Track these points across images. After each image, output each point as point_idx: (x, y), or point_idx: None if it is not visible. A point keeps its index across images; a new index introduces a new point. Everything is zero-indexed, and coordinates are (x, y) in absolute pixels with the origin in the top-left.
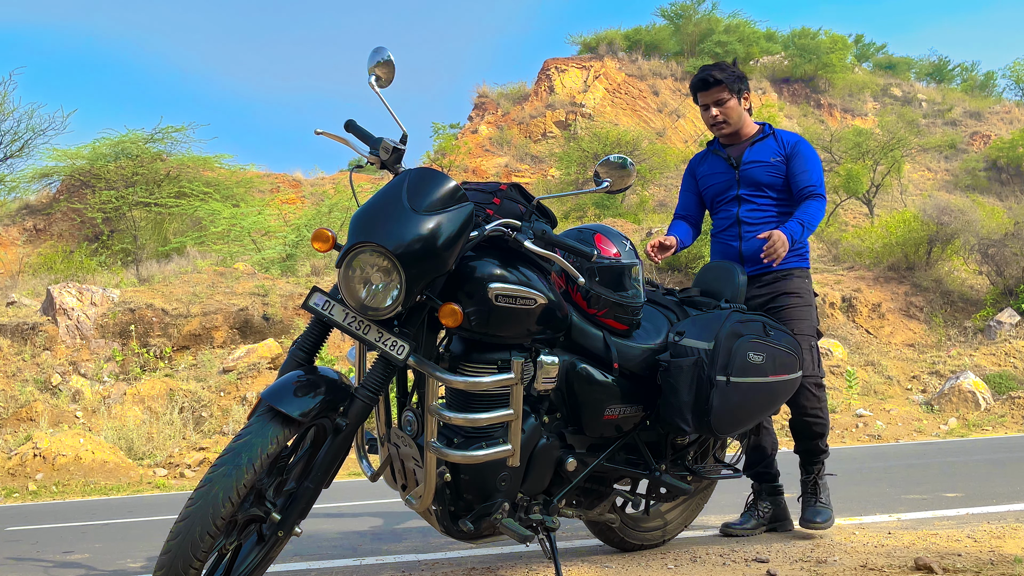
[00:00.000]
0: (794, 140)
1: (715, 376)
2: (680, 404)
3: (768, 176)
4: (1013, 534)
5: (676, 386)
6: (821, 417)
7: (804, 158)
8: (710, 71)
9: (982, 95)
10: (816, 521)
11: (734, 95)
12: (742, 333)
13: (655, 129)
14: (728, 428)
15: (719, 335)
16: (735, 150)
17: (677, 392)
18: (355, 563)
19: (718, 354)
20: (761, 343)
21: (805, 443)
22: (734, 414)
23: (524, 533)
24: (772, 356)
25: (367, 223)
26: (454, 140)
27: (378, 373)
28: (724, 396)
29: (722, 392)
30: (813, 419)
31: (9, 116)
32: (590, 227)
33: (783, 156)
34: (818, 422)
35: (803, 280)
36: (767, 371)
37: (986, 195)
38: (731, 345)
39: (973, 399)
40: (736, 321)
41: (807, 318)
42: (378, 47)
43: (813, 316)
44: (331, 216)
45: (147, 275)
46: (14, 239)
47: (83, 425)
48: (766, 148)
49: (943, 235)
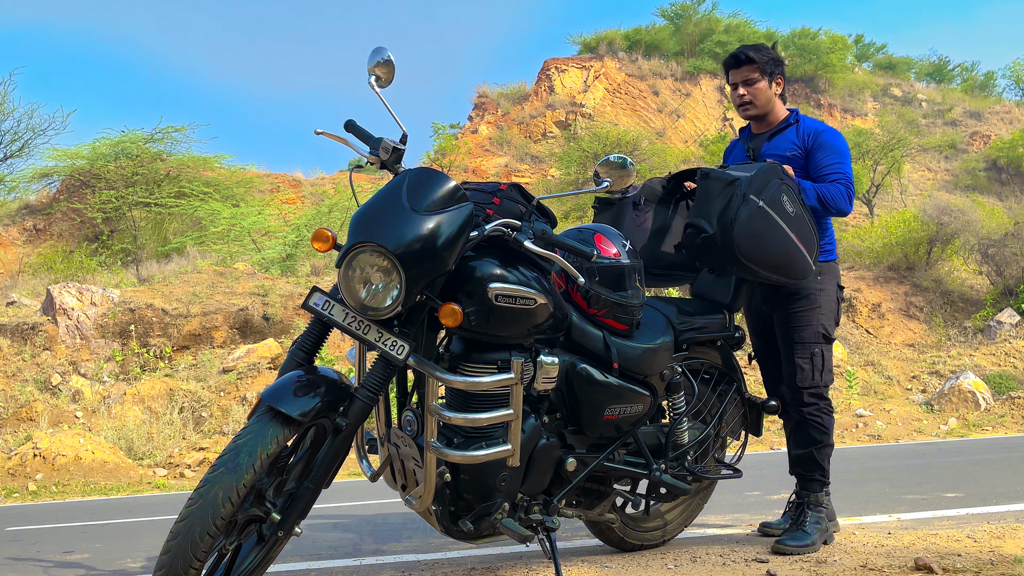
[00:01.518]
0: (817, 130)
1: (749, 195)
2: (709, 208)
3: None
4: (1013, 534)
5: (710, 193)
6: (823, 425)
7: (827, 151)
8: (745, 49)
9: (982, 95)
10: (785, 544)
11: (765, 77)
12: (783, 177)
13: (655, 129)
14: (746, 247)
15: (761, 168)
16: (757, 141)
17: (710, 199)
18: (355, 563)
19: (756, 180)
20: (796, 199)
21: (798, 450)
22: (753, 237)
23: (524, 533)
24: (800, 219)
25: (367, 223)
26: (454, 140)
27: (378, 373)
28: (751, 215)
29: (751, 210)
30: (812, 424)
31: (9, 116)
32: (590, 227)
33: (802, 149)
34: (817, 428)
35: (814, 279)
36: (792, 227)
37: (986, 195)
38: (770, 178)
39: (973, 399)
40: (780, 167)
41: (810, 323)
42: (378, 47)
43: (819, 320)
44: (331, 216)
45: (147, 275)
46: (14, 239)
47: (83, 425)
48: (784, 140)
49: (943, 235)
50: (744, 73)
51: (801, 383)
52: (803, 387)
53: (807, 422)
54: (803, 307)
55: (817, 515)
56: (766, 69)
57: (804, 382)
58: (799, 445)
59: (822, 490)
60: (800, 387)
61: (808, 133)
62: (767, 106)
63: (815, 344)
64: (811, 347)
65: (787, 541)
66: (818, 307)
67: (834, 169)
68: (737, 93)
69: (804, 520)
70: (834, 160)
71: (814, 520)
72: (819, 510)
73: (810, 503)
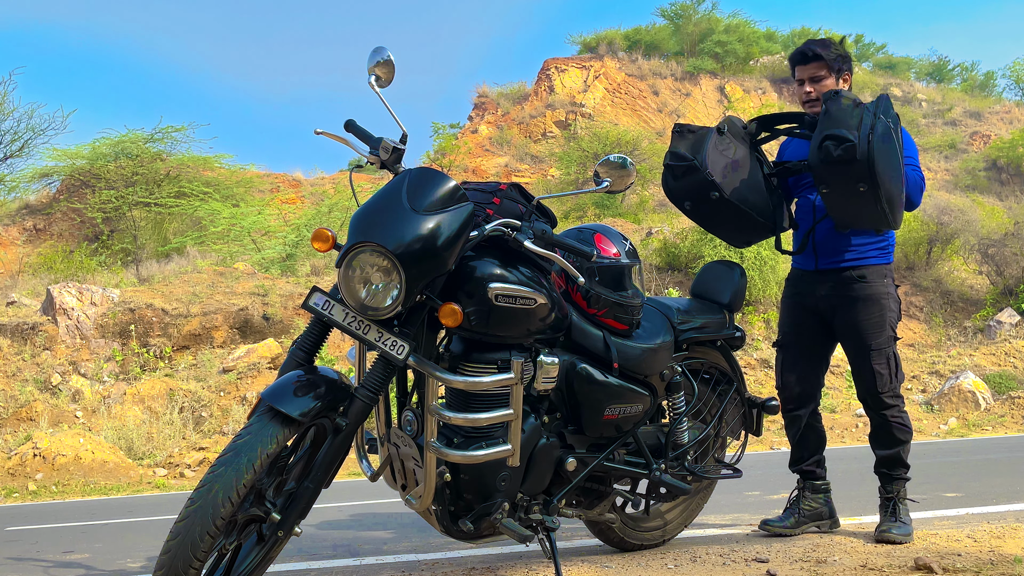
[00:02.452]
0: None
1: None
2: (848, 122)
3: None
4: (1013, 534)
5: (842, 110)
6: (904, 424)
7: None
8: (812, 45)
9: (982, 95)
10: (892, 533)
11: (832, 74)
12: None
13: (655, 129)
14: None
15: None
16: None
17: (844, 114)
18: (355, 563)
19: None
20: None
21: (885, 451)
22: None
23: (524, 533)
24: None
25: (367, 223)
26: (454, 140)
27: (378, 373)
28: (884, 133)
29: (884, 127)
30: (896, 425)
31: (9, 116)
32: (590, 227)
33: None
34: (901, 428)
35: (880, 282)
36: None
37: (986, 195)
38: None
39: (973, 399)
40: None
41: (883, 330)
42: (378, 47)
43: (890, 321)
44: (331, 216)
45: (147, 275)
46: (14, 239)
47: (83, 425)
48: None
49: (943, 235)
50: (811, 70)
51: (881, 388)
52: (883, 392)
53: (890, 424)
54: (875, 313)
55: (906, 507)
56: (833, 66)
57: (884, 387)
58: (884, 446)
59: (904, 485)
60: (881, 392)
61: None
62: None
63: (888, 348)
64: (886, 351)
65: (894, 531)
66: (889, 310)
67: (909, 163)
68: (804, 90)
69: (900, 512)
70: (907, 154)
71: (906, 511)
72: (906, 502)
73: (900, 498)
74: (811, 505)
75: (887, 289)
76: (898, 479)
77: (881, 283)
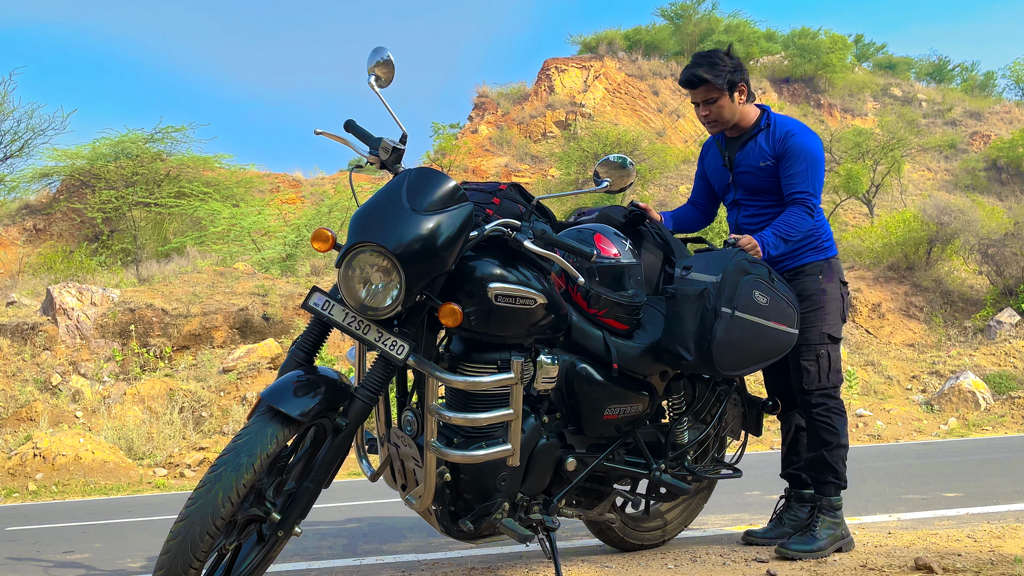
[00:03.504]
0: (785, 133)
1: (720, 307)
2: (684, 332)
3: (760, 181)
4: (1013, 534)
5: (681, 314)
6: (832, 426)
7: (794, 158)
8: (693, 70)
9: (982, 95)
10: (788, 548)
11: (724, 91)
12: (749, 271)
13: (655, 129)
14: (727, 363)
15: (727, 270)
16: (732, 147)
17: (682, 320)
18: (355, 563)
19: (725, 286)
20: (767, 286)
21: (809, 452)
22: (735, 349)
23: (524, 533)
24: (775, 302)
25: (367, 223)
26: (454, 140)
27: (378, 373)
28: (728, 328)
29: (726, 324)
30: (822, 425)
31: (9, 116)
32: (590, 227)
33: (773, 157)
34: (827, 428)
35: (814, 278)
36: (769, 315)
37: (986, 195)
38: (738, 279)
39: (973, 399)
40: (744, 259)
41: (814, 325)
42: (378, 47)
43: (823, 320)
44: (331, 216)
45: (147, 275)
46: (14, 239)
47: (83, 425)
48: (756, 150)
49: (943, 235)
50: (701, 94)
51: (808, 385)
52: (810, 389)
53: (816, 424)
54: (806, 309)
55: (831, 520)
56: (722, 84)
57: (811, 384)
58: (810, 448)
59: (837, 493)
60: (807, 389)
61: (779, 139)
62: (733, 118)
63: (820, 346)
64: (816, 348)
65: (792, 545)
66: (820, 308)
67: (799, 180)
68: (700, 113)
69: (815, 524)
70: (800, 167)
71: (826, 525)
72: (833, 515)
73: (823, 507)
74: (797, 515)
75: (821, 286)
76: (825, 484)
77: (814, 280)
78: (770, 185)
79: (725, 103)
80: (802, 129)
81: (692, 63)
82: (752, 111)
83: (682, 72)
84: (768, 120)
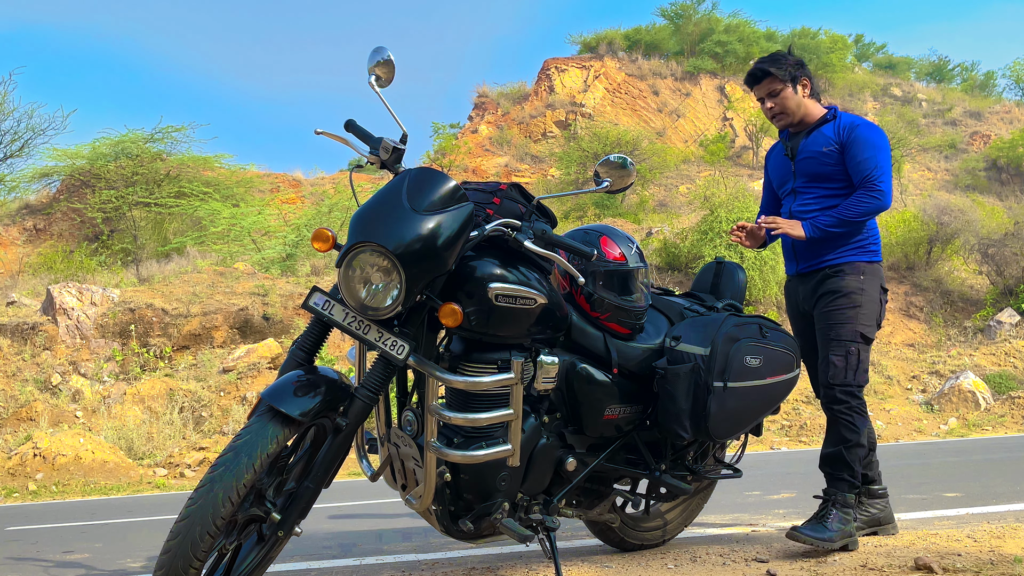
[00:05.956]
0: (852, 125)
1: (712, 382)
2: (678, 411)
3: (821, 167)
4: (1013, 534)
5: (673, 393)
6: (854, 424)
7: (862, 145)
8: (759, 64)
9: (982, 95)
10: (802, 533)
11: (787, 84)
12: (738, 337)
13: (655, 129)
14: (725, 433)
15: (715, 340)
16: (795, 140)
17: (675, 399)
18: (355, 563)
19: (715, 359)
20: (758, 345)
21: (828, 448)
22: (731, 418)
23: (524, 533)
24: (769, 358)
25: (367, 223)
26: (454, 140)
27: (378, 373)
28: (721, 402)
29: (719, 398)
30: (844, 422)
31: (9, 116)
32: (596, 228)
33: (838, 144)
34: (849, 426)
35: (854, 277)
36: (764, 373)
37: (986, 195)
38: (728, 350)
39: (973, 399)
40: (733, 325)
41: (848, 321)
42: (378, 47)
43: (858, 319)
44: (331, 216)
45: (147, 275)
46: (14, 239)
47: (83, 425)
48: (820, 136)
49: (943, 235)
50: (766, 87)
51: (833, 379)
52: (835, 383)
53: (837, 420)
54: (843, 305)
55: (843, 515)
56: (785, 76)
57: (836, 379)
58: (829, 443)
59: (850, 491)
60: (832, 383)
61: (844, 128)
62: (798, 111)
63: (851, 343)
64: (847, 345)
65: (804, 530)
66: (858, 306)
67: (868, 165)
68: (766, 107)
69: (827, 516)
70: (868, 154)
71: (838, 519)
72: (845, 511)
73: (836, 502)
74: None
75: (861, 285)
76: (839, 481)
77: (855, 278)
78: (830, 171)
79: (789, 95)
80: (869, 123)
81: (756, 62)
82: (818, 108)
83: (747, 74)
84: (835, 114)
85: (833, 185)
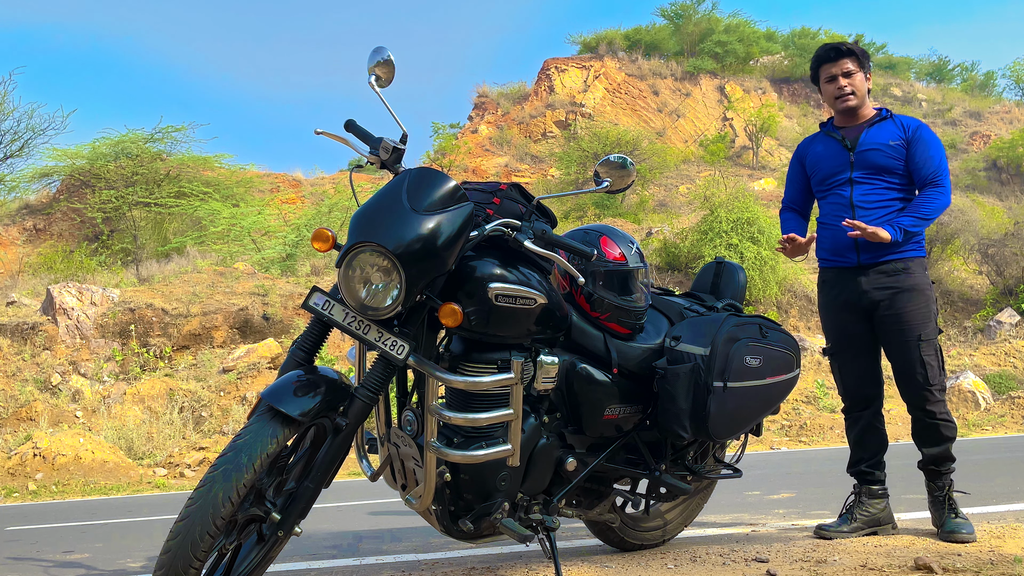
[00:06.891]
0: (916, 124)
1: (712, 382)
2: (678, 411)
3: (887, 159)
4: (1013, 534)
5: (673, 393)
6: (950, 420)
7: (927, 144)
8: (838, 44)
9: (982, 95)
10: (962, 532)
11: (861, 69)
12: (739, 337)
13: (655, 129)
14: (726, 433)
15: (715, 340)
16: (851, 132)
17: (675, 399)
18: (355, 563)
19: (715, 359)
20: (758, 346)
21: (933, 448)
22: (731, 418)
23: (524, 533)
24: (769, 358)
25: (367, 223)
26: (454, 140)
27: (378, 373)
28: (721, 402)
29: (719, 398)
30: (943, 422)
31: (9, 116)
32: (596, 228)
33: (904, 140)
34: (947, 424)
35: (922, 273)
36: (764, 373)
37: (986, 195)
38: (728, 350)
39: (973, 399)
40: (733, 325)
41: (930, 319)
42: (378, 47)
43: (934, 313)
44: (331, 216)
45: (147, 275)
46: (14, 239)
47: (83, 425)
48: (886, 130)
49: (943, 235)
50: (843, 65)
51: (932, 381)
52: (933, 384)
53: (938, 422)
54: (921, 303)
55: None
56: (863, 61)
57: (935, 379)
58: (932, 444)
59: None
60: (931, 383)
61: (909, 127)
62: (863, 99)
63: (935, 339)
64: (934, 342)
65: (963, 531)
66: (933, 301)
67: (933, 163)
68: (836, 85)
69: (958, 508)
70: (932, 153)
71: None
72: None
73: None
74: (868, 511)
75: (929, 280)
76: (946, 473)
77: (923, 275)
78: (893, 164)
79: (861, 79)
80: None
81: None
82: (871, 105)
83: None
84: (890, 114)
85: (892, 178)
